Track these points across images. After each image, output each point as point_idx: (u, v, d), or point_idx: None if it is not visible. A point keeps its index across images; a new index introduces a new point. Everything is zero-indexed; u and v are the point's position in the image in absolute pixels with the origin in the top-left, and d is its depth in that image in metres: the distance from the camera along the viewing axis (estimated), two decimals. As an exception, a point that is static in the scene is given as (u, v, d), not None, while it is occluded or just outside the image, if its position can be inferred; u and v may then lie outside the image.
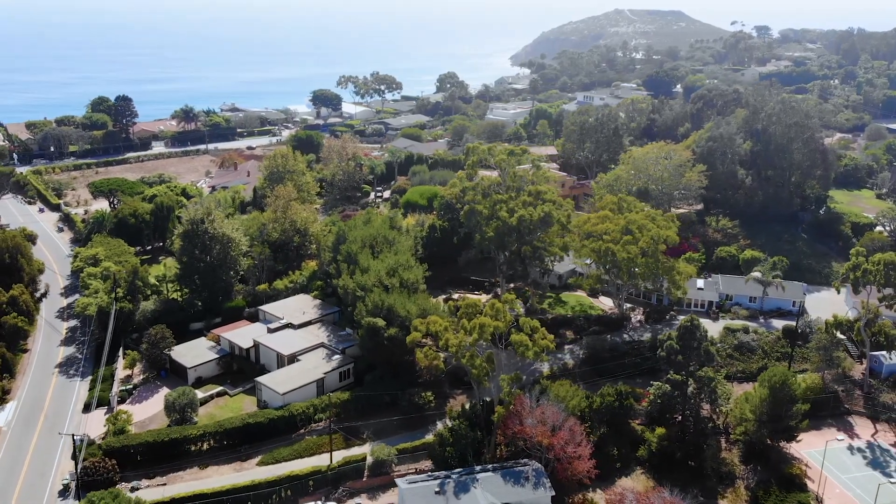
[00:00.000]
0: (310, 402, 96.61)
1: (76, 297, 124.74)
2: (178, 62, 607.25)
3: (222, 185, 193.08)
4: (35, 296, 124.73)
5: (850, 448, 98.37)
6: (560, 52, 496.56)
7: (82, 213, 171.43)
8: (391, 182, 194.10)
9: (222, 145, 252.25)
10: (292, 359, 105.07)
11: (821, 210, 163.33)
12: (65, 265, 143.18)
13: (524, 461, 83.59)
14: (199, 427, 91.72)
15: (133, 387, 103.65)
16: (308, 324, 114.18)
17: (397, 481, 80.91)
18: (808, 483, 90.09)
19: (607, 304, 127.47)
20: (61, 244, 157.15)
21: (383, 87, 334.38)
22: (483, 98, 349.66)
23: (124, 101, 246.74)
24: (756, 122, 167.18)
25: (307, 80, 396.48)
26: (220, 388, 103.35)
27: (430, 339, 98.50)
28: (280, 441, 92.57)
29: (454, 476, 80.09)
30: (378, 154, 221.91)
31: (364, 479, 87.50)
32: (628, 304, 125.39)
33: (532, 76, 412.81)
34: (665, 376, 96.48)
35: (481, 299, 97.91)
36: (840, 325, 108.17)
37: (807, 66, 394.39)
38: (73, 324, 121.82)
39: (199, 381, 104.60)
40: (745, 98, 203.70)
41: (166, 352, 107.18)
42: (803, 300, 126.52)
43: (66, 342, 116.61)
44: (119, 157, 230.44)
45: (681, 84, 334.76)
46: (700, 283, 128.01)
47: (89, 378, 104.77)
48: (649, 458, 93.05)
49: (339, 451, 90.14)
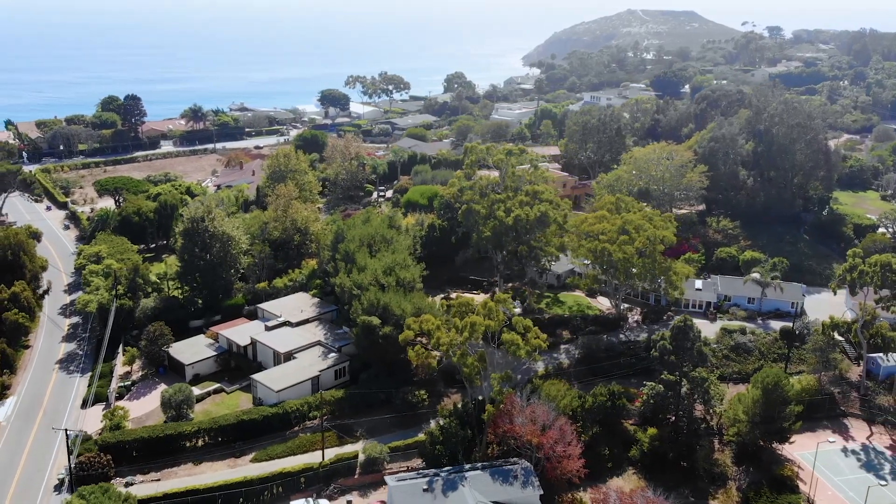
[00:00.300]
0: (304, 399, 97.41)
1: (79, 294, 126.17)
2: (184, 62, 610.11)
3: (227, 183, 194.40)
4: (37, 293, 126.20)
5: (845, 450, 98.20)
6: (570, 52, 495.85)
7: (88, 211, 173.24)
8: (394, 182, 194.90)
9: (230, 145, 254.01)
10: (288, 356, 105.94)
11: (823, 211, 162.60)
12: (70, 262, 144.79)
13: (514, 460, 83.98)
14: (194, 423, 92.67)
15: (131, 383, 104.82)
16: (305, 322, 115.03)
17: (386, 479, 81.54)
18: (799, 485, 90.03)
19: (605, 304, 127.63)
20: (67, 242, 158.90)
21: (391, 87, 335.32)
22: (490, 98, 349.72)
23: (133, 101, 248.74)
24: (759, 123, 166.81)
25: (316, 81, 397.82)
26: (217, 385, 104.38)
27: (425, 337, 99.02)
28: (274, 438, 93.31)
29: (443, 474, 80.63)
30: (382, 154, 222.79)
31: (356, 476, 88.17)
32: (626, 305, 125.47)
33: (539, 76, 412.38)
34: (659, 377, 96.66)
35: (475, 298, 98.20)
36: (837, 326, 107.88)
37: (817, 67, 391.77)
38: (76, 320, 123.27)
39: (197, 378, 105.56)
40: (749, 98, 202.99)
41: (165, 349, 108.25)
42: (802, 301, 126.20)
43: (68, 339, 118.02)
44: (127, 156, 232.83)
45: (689, 84, 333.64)
46: (698, 283, 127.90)
47: (89, 374, 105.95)
48: (641, 459, 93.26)
49: (332, 448, 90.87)
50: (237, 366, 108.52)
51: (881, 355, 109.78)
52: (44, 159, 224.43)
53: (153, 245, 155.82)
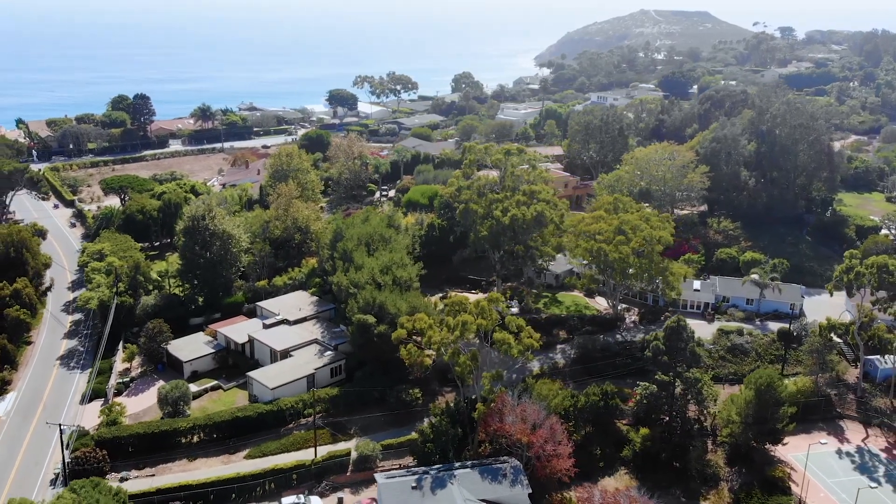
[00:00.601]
0: (299, 396, 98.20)
1: (82, 290, 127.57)
2: (190, 62, 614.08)
3: (232, 182, 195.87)
4: (40, 289, 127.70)
5: (839, 452, 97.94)
6: (581, 52, 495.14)
7: (95, 209, 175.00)
8: (397, 181, 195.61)
9: (238, 144, 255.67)
10: (285, 354, 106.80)
11: (826, 213, 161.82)
12: (75, 260, 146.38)
13: (503, 459, 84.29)
14: (190, 420, 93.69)
15: (130, 380, 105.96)
16: (303, 320, 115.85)
17: (376, 476, 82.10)
18: (792, 486, 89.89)
19: (603, 304, 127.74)
20: (72, 239, 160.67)
21: (399, 87, 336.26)
22: (498, 98, 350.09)
23: (142, 100, 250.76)
24: (761, 123, 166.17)
25: (324, 80, 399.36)
26: (214, 382, 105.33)
27: (419, 336, 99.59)
28: (269, 435, 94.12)
29: (432, 472, 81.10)
30: (386, 153, 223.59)
31: (348, 473, 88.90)
32: (623, 305, 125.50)
33: (547, 76, 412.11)
34: (653, 377, 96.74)
35: (469, 297, 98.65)
36: (833, 328, 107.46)
37: (828, 68, 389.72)
38: (78, 317, 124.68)
39: (195, 375, 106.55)
40: (752, 99, 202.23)
41: (164, 346, 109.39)
42: (801, 303, 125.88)
43: (70, 335, 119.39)
44: (136, 155, 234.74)
45: (696, 85, 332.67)
46: (697, 284, 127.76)
47: (89, 370, 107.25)
48: (633, 459, 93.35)
49: (325, 445, 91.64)
50: (235, 363, 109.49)
51: (879, 357, 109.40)
52: (53, 158, 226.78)
53: (157, 243, 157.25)
